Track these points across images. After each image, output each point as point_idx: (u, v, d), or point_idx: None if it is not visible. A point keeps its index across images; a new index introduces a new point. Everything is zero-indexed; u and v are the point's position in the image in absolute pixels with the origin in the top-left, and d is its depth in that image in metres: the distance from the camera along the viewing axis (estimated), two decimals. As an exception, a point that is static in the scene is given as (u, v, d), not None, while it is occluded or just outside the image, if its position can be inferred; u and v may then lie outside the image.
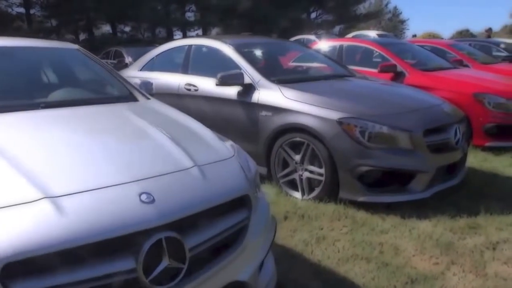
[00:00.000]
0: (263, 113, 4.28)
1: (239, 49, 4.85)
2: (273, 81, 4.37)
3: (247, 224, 2.08)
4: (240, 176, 2.15)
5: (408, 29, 53.54)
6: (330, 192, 3.86)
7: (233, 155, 2.30)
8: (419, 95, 4.58)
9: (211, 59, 5.18)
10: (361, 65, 7.02)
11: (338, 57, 7.30)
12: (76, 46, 3.73)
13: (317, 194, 3.93)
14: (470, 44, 10.81)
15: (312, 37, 17.71)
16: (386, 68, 6.43)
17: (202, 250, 1.81)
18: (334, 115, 3.80)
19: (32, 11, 24.32)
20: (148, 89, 3.60)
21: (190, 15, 32.10)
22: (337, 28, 38.53)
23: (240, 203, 2.09)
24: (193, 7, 30.31)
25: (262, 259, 2.19)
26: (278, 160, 4.20)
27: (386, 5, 52.28)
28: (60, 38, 25.62)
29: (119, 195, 1.71)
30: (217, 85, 4.46)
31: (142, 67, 5.93)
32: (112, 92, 3.39)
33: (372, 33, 20.68)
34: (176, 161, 2.06)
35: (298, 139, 4.01)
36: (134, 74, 5.91)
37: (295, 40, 17.40)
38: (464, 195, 4.09)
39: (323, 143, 3.82)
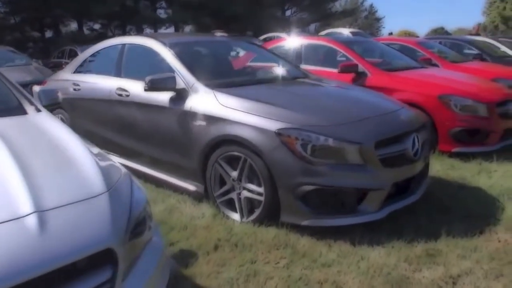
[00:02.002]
0: (197, 122, 3.73)
1: (175, 49, 4.28)
2: (208, 86, 3.82)
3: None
4: (102, 222, 1.60)
5: (384, 27, 53.59)
6: (271, 214, 3.33)
7: (104, 192, 1.74)
8: (374, 100, 4.08)
9: (145, 60, 4.61)
10: (322, 65, 6.54)
11: (298, 57, 6.78)
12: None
13: (257, 217, 3.40)
14: (440, 42, 10.41)
15: (283, 35, 17.20)
16: (347, 68, 5.93)
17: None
18: (273, 125, 3.27)
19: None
20: (51, 98, 3.01)
21: (161, 12, 31.42)
22: (312, 26, 38.28)
23: (101, 259, 1.54)
24: (164, 4, 29.54)
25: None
26: (214, 177, 3.66)
27: (362, 3, 52.24)
28: (24, 35, 24.66)
29: None
30: (145, 90, 3.89)
31: (76, 70, 5.31)
32: (-4, 103, 2.79)
33: (346, 31, 20.29)
34: (9, 206, 1.49)
35: (234, 153, 3.47)
36: (67, 77, 5.32)
37: (264, 38, 16.92)
38: (424, 213, 3.61)
39: (261, 158, 3.28)
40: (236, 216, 3.54)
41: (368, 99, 4.08)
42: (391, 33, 30.26)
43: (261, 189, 3.34)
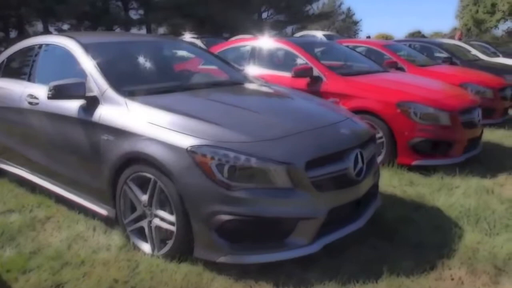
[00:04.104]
0: (104, 136, 3.16)
1: (92, 49, 3.70)
2: (121, 93, 3.25)
3: None
4: None
5: (361, 30, 53.57)
6: (185, 247, 2.78)
7: None
8: (316, 110, 3.57)
9: (59, 63, 4.01)
10: (277, 68, 6.01)
11: (250, 59, 6.25)
12: None
13: (169, 250, 2.85)
14: (410, 45, 10.01)
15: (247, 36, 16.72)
16: (301, 72, 5.42)
17: None
18: (185, 141, 2.72)
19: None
20: None
21: (135, 13, 30.64)
22: (289, 29, 37.93)
23: None
24: (134, 4, 28.80)
25: None
26: (124, 201, 3.09)
27: (339, 6, 52.12)
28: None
29: None
30: (48, 98, 3.31)
31: (-9, 73, 4.68)
32: None
33: (319, 33, 20.01)
34: None
35: (144, 173, 2.91)
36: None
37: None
38: (369, 242, 3.10)
39: (172, 181, 2.73)
40: (147, 247, 2.98)
41: (309, 109, 3.56)
42: (368, 37, 30.14)
43: (172, 218, 2.78)
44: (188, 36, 15.96)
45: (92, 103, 3.31)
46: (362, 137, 3.24)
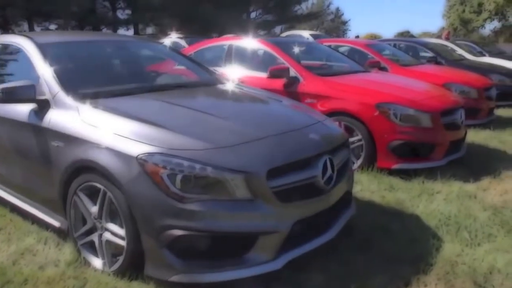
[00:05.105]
0: (55, 142, 2.91)
1: (48, 49, 3.45)
2: (74, 96, 3.00)
3: None
4: None
5: (350, 30, 53.54)
6: (137, 264, 2.54)
7: None
8: (285, 113, 3.35)
9: (13, 64, 3.76)
10: (253, 68, 5.77)
11: (226, 59, 6.01)
12: None
13: (120, 267, 2.61)
14: (395, 45, 9.83)
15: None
16: (277, 73, 5.19)
17: None
18: (135, 149, 2.48)
19: None
20: None
21: (122, 13, 30.29)
22: (278, 29, 37.76)
23: None
24: (122, 4, 28.44)
25: None
26: (75, 212, 2.85)
27: (328, 6, 52.04)
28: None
29: None
30: (-3, 101, 3.06)
31: None
32: None
33: (306, 33, 19.82)
34: None
35: (93, 183, 2.67)
36: None
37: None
38: (338, 258, 2.87)
39: (121, 191, 2.49)
40: (98, 263, 2.74)
41: (277, 112, 3.34)
42: (357, 36, 30.11)
43: (123, 232, 2.55)
44: (174, 36, 15.71)
45: (43, 107, 3.07)
46: (333, 142, 3.01)
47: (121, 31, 29.25)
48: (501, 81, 8.69)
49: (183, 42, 13.43)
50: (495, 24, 36.96)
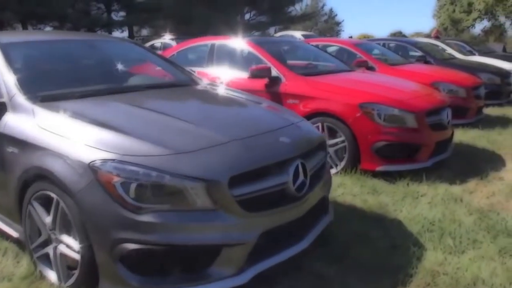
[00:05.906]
0: (9, 148, 2.73)
1: (9, 50, 3.24)
2: (30, 99, 2.82)
3: None
4: None
5: (343, 31, 53.46)
6: (91, 280, 2.35)
7: None
8: (255, 115, 3.17)
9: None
10: (233, 68, 5.61)
11: (209, 59, 5.84)
12: None
13: (75, 282, 2.42)
14: (384, 44, 9.68)
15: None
16: (258, 73, 5.02)
17: None
18: (88, 156, 2.30)
19: None
20: None
21: (116, 15, 30.03)
22: (272, 30, 37.63)
23: None
24: (116, 6, 28.20)
25: None
26: (30, 222, 2.66)
27: (322, 7, 51.95)
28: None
29: None
30: None
31: None
32: None
33: (298, 34, 19.76)
34: None
35: (47, 192, 2.49)
36: None
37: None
38: (312, 270, 2.70)
39: (74, 202, 2.31)
40: (54, 277, 2.56)
41: (248, 114, 3.16)
42: (351, 37, 30.04)
43: (77, 245, 2.36)
44: (167, 38, 15.60)
45: (0, 110, 2.88)
46: (307, 145, 2.84)
47: (116, 33, 29.00)
48: (490, 79, 8.57)
49: (173, 43, 13.29)
50: (485, 24, 36.92)
